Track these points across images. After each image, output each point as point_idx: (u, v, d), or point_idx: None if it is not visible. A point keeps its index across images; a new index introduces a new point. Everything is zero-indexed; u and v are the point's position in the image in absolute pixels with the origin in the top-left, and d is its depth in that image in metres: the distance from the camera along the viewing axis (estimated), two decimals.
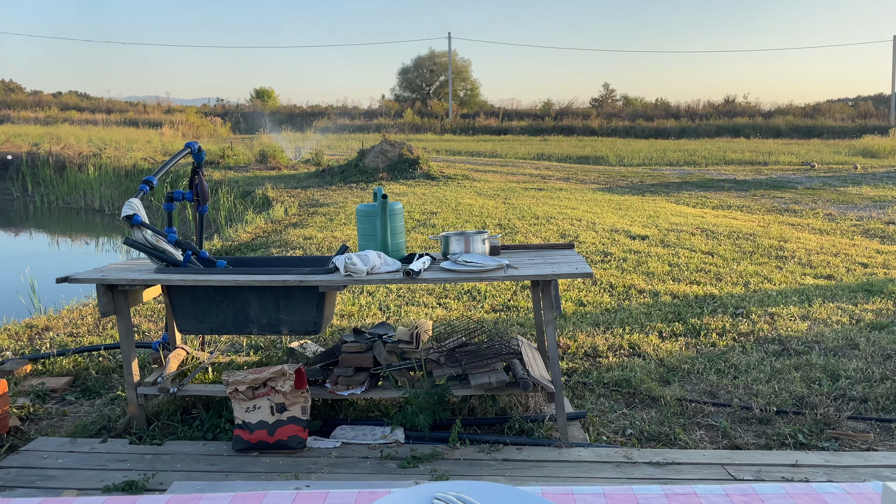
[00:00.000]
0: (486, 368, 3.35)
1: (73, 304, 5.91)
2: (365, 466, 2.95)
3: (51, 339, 4.83)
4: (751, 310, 5.21)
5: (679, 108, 42.37)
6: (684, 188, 14.01)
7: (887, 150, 22.24)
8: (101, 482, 2.84)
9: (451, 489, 1.05)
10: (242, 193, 13.42)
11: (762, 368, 4.06)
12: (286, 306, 3.28)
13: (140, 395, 3.35)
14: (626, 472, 2.88)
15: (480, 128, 37.83)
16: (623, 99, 51.17)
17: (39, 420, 3.58)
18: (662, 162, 20.48)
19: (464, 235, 3.39)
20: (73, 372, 4.17)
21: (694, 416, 3.49)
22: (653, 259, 7.00)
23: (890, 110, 37.44)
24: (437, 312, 5.30)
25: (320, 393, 3.32)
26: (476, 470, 2.91)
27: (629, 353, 4.43)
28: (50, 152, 18.45)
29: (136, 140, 22.29)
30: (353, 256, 3.11)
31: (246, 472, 2.92)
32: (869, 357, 4.21)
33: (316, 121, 38.99)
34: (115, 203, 15.44)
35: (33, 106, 41.05)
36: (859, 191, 13.21)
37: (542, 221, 9.24)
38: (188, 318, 3.39)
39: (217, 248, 8.42)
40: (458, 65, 52.09)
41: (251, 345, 4.58)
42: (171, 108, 43.67)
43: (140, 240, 3.28)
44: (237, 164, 17.90)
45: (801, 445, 3.19)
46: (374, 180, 14.42)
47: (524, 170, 17.66)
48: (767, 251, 7.47)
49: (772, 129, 33.29)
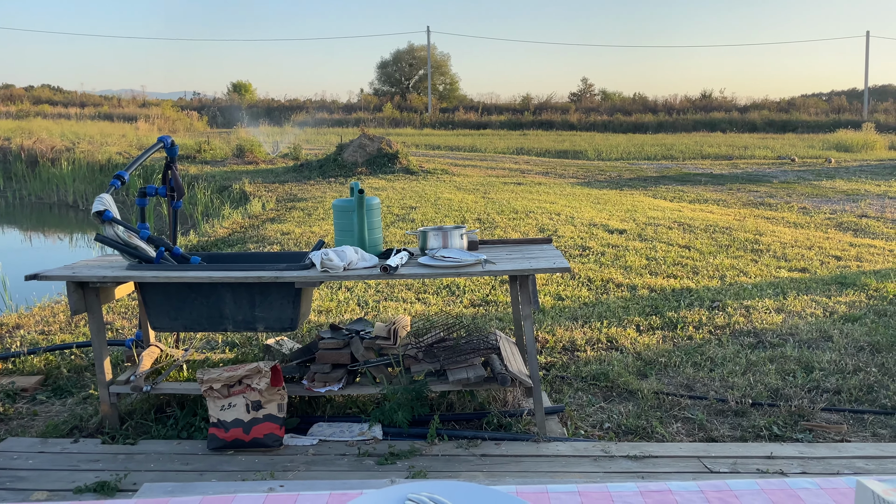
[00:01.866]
0: (464, 364, 3.34)
1: (45, 302, 5.81)
2: (342, 464, 2.93)
3: (21, 337, 4.74)
4: (727, 303, 5.26)
5: (657, 103, 42.66)
6: (662, 182, 14.10)
7: (860, 144, 22.59)
8: (72, 483, 2.79)
9: (424, 489, 1.03)
10: (219, 188, 13.28)
11: (738, 361, 4.10)
12: (262, 303, 3.24)
13: (113, 394, 3.30)
14: (603, 466, 2.89)
15: (460, 122, 37.77)
16: (601, 93, 51.41)
17: (9, 420, 3.50)
18: (640, 156, 20.61)
19: (441, 230, 3.37)
20: (44, 371, 4.09)
21: (671, 409, 3.51)
22: (630, 253, 7.03)
23: (863, 105, 37.99)
24: (416, 308, 5.28)
25: (297, 390, 3.28)
26: (454, 466, 2.90)
27: (607, 346, 4.44)
28: (22, 147, 18.11)
29: (110, 134, 21.97)
30: (330, 252, 3.07)
31: (221, 472, 2.88)
32: (842, 349, 4.26)
33: (294, 115, 38.68)
34: (88, 198, 15.20)
35: (4, 100, 40.29)
36: (833, 184, 13.39)
37: (521, 216, 9.25)
38: (162, 316, 3.34)
39: (193, 243, 8.32)
40: (437, 59, 51.97)
41: (226, 342, 4.53)
42: (147, 102, 43.10)
43: (112, 236, 3.22)
44: (214, 158, 17.70)
45: (776, 437, 3.22)
46: (353, 175, 14.34)
47: (503, 164, 17.67)
48: (743, 245, 7.54)
49: (747, 124, 33.62)
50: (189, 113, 34.82)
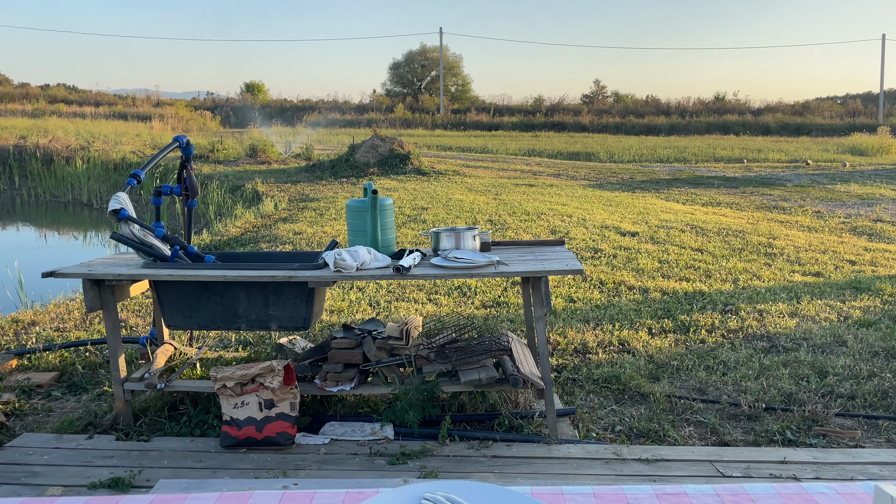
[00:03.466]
0: (475, 365, 3.34)
1: (60, 299, 5.86)
2: (354, 463, 2.94)
3: (37, 333, 4.79)
4: (740, 307, 5.23)
5: (669, 105, 42.48)
6: (674, 185, 14.04)
7: (875, 147, 22.40)
8: (86, 479, 2.82)
9: (440, 489, 1.04)
10: (232, 188, 13.35)
11: (751, 365, 4.07)
12: (275, 302, 3.26)
13: (127, 391, 3.32)
14: (615, 468, 2.88)
15: (471, 123, 37.76)
16: (614, 96, 51.22)
17: (25, 416, 3.54)
18: (653, 159, 20.53)
19: (454, 231, 3.37)
20: (59, 367, 4.13)
21: (683, 413, 3.50)
22: (643, 256, 7.01)
23: (878, 108, 37.67)
24: (428, 308, 5.29)
25: (309, 389, 3.30)
26: (465, 467, 2.91)
27: (619, 349, 4.43)
28: (37, 145, 18.28)
29: (124, 133, 22.12)
30: (343, 252, 3.09)
31: (234, 469, 2.90)
32: (857, 354, 4.23)
33: (306, 115, 38.79)
34: (103, 197, 15.32)
35: (21, 98, 40.66)
36: (847, 188, 13.29)
37: (532, 217, 9.24)
38: (176, 314, 3.36)
39: (206, 242, 8.37)
40: (449, 60, 52.00)
41: (240, 341, 4.55)
42: (161, 102, 43.37)
43: (127, 234, 3.24)
44: (227, 158, 17.80)
45: (789, 442, 3.20)
46: (365, 175, 14.38)
47: (515, 166, 17.66)
48: (756, 248, 7.50)
49: (761, 127, 33.44)
50: (202, 113, 35.01)
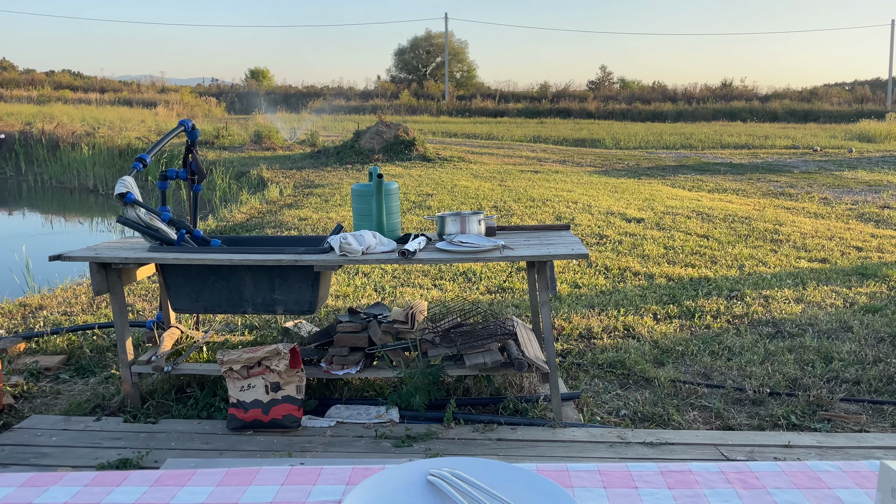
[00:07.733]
0: (481, 349, 3.35)
1: (67, 283, 5.89)
2: (360, 445, 2.96)
3: (45, 317, 4.82)
4: (745, 292, 5.23)
5: (676, 92, 42.19)
6: (680, 171, 13.99)
7: (883, 134, 22.23)
8: (94, 460, 2.84)
9: (445, 465, 1.04)
10: (237, 174, 13.35)
11: (756, 350, 4.08)
12: (281, 286, 3.27)
13: (134, 374, 3.35)
14: (619, 451, 2.89)
15: (477, 110, 37.59)
16: (620, 82, 50.89)
17: (33, 398, 3.57)
18: (659, 145, 20.43)
19: (460, 216, 3.37)
20: (66, 350, 4.16)
21: (688, 398, 3.51)
22: (648, 242, 7.00)
23: (886, 95, 37.37)
24: (432, 294, 5.30)
25: (315, 372, 3.31)
26: (470, 449, 2.92)
27: (624, 334, 4.44)
28: (43, 131, 18.29)
29: (129, 119, 22.12)
30: (349, 236, 3.09)
31: (240, 451, 2.92)
32: (862, 340, 4.22)
33: (311, 101, 38.70)
34: (108, 183, 15.34)
35: (26, 84, 40.63)
36: (855, 175, 13.21)
37: (537, 204, 9.22)
38: (182, 297, 3.38)
39: (212, 228, 8.39)
40: (454, 46, 51.69)
41: (246, 324, 4.57)
42: (166, 88, 43.31)
43: (133, 218, 3.25)
44: (232, 144, 17.78)
45: (793, 427, 3.21)
46: (370, 161, 14.35)
47: (520, 152, 17.60)
48: (762, 234, 7.47)
49: (768, 113, 33.20)
50: (207, 99, 34.96)
